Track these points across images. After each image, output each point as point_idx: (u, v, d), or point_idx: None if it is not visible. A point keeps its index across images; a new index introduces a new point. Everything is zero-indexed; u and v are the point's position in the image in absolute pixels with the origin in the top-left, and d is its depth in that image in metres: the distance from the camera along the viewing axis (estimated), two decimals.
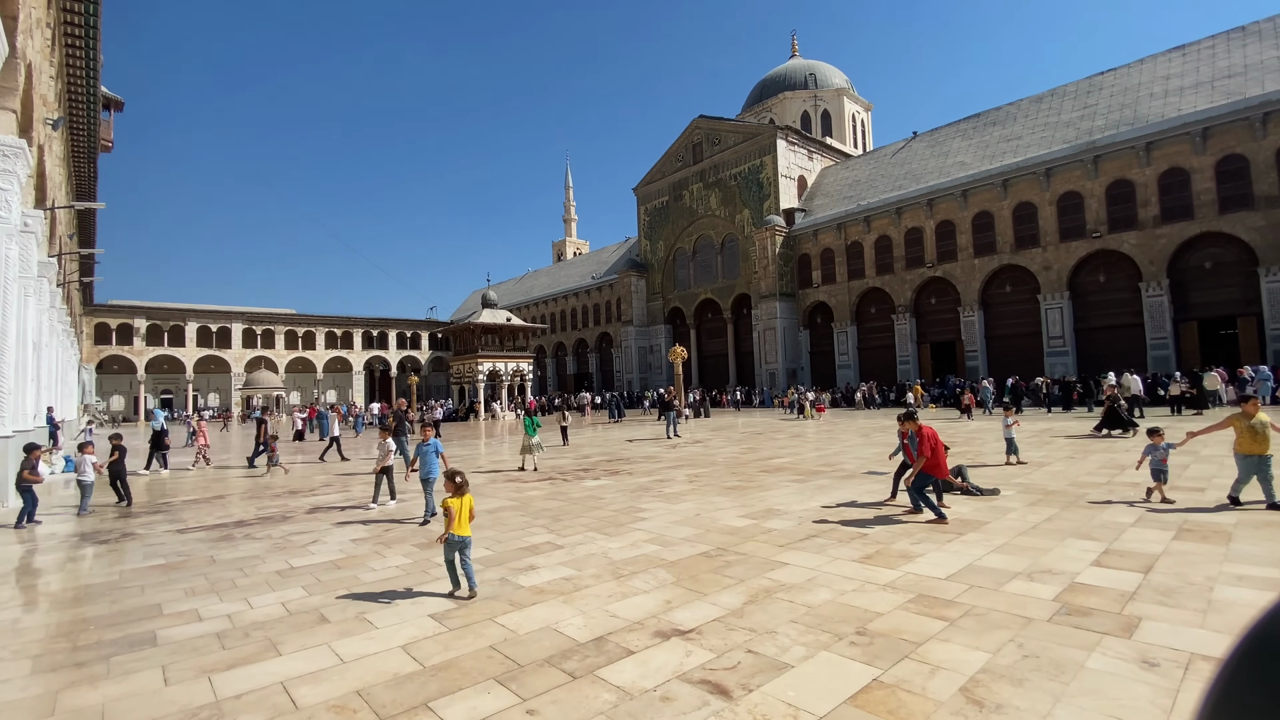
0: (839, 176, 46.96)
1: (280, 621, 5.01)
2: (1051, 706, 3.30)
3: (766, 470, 12.54)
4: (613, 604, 5.13)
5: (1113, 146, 30.22)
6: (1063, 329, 32.11)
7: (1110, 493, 8.84)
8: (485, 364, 41.80)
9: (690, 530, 7.66)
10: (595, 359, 62.55)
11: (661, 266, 54.36)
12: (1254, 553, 5.77)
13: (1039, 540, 6.54)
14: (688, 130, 51.80)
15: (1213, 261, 28.16)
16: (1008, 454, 11.83)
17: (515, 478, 13.01)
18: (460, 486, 5.54)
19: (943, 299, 37.34)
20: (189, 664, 4.25)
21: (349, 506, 10.28)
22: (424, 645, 4.42)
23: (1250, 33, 30.26)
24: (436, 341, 72.26)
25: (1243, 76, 28.39)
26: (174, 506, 10.95)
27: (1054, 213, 32.43)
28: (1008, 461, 11.76)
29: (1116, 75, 34.37)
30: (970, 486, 9.07)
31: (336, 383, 68.38)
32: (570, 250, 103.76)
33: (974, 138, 38.78)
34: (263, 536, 8.24)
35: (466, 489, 5.60)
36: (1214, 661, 3.70)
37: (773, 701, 3.47)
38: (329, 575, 6.29)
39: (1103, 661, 3.77)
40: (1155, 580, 5.16)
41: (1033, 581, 5.27)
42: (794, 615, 4.73)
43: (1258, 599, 4.64)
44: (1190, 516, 7.26)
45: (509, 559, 6.65)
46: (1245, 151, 26.81)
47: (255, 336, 61.47)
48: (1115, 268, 30.78)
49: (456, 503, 5.45)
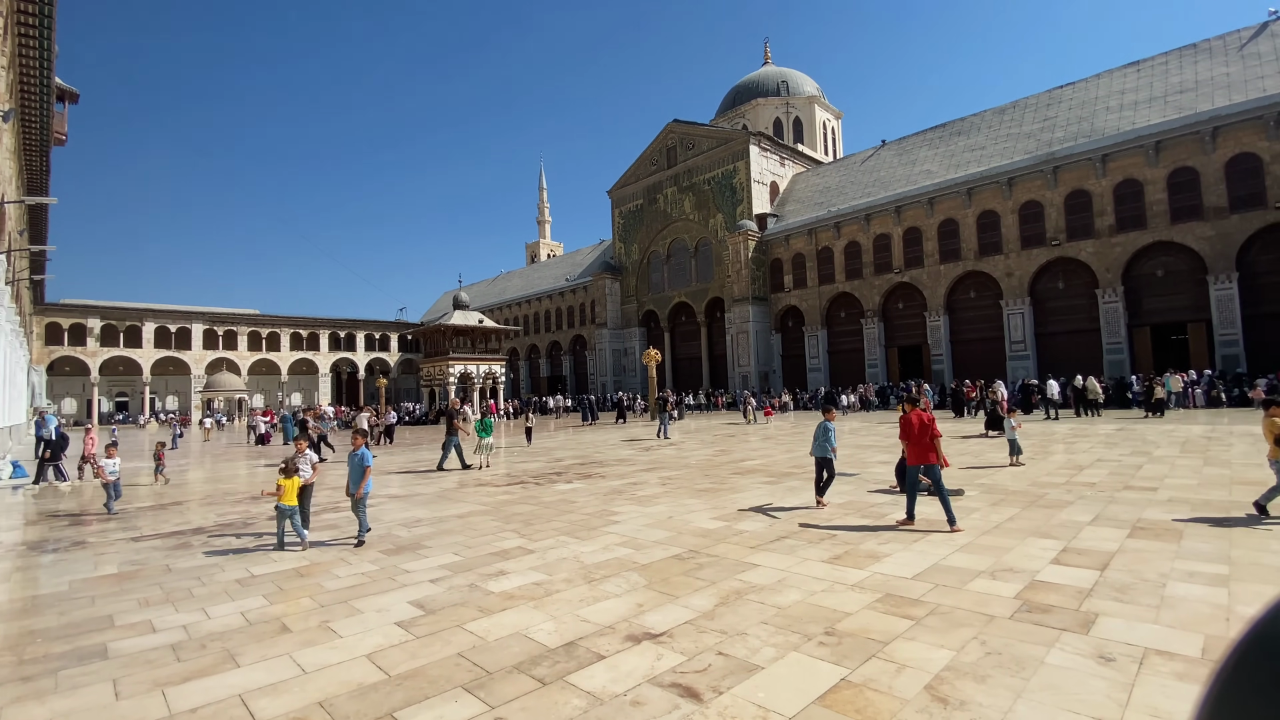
0: (810, 183, 47.67)
1: (239, 632, 4.85)
2: (1012, 702, 3.38)
3: (739, 472, 12.62)
4: (584, 608, 5.09)
5: (1071, 158, 31.29)
6: (1024, 334, 33.08)
7: (1069, 492, 9.12)
8: (456, 366, 41.29)
9: (663, 533, 7.66)
10: (569, 361, 62.28)
11: (636, 269, 54.44)
12: (1204, 550, 6.01)
13: (1001, 539, 6.70)
14: (662, 134, 52.03)
15: (1165, 270, 29.33)
16: (1011, 454, 11.96)
17: (486, 482, 12.86)
18: (288, 471, 7.51)
19: (910, 304, 38.15)
20: (142, 677, 4.08)
21: (319, 511, 10.02)
22: (390, 654, 4.32)
23: (1201, 50, 31.67)
24: (406, 343, 71.08)
25: (1194, 92, 29.69)
26: (129, 514, 10.54)
27: (1016, 221, 33.42)
28: (1017, 463, 11.86)
29: (1075, 89, 35.61)
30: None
31: (302, 385, 66.74)
32: (544, 252, 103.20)
33: (940, 147, 39.76)
34: (222, 544, 7.98)
35: (295, 474, 7.59)
36: (1166, 656, 3.83)
37: (742, 703, 3.48)
38: (291, 583, 6.12)
39: (1061, 657, 3.88)
40: (1111, 577, 5.33)
41: (995, 580, 5.40)
42: (764, 616, 4.76)
43: (1208, 594, 4.83)
44: (1145, 514, 7.52)
45: (479, 564, 6.56)
46: (1195, 164, 28.02)
47: (217, 337, 59.62)
48: (1073, 275, 31.83)
49: (286, 482, 7.42)
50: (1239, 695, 0.48)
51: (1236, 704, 0.48)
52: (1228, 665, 0.50)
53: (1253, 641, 0.49)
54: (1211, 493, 8.65)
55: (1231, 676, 0.49)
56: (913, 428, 7.54)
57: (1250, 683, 0.48)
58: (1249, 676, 0.48)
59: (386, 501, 10.89)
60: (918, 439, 7.51)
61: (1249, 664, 0.49)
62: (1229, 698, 0.48)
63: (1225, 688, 0.49)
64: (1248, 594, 4.79)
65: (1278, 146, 25.99)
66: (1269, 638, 0.49)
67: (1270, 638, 0.49)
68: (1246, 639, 0.50)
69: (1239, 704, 0.47)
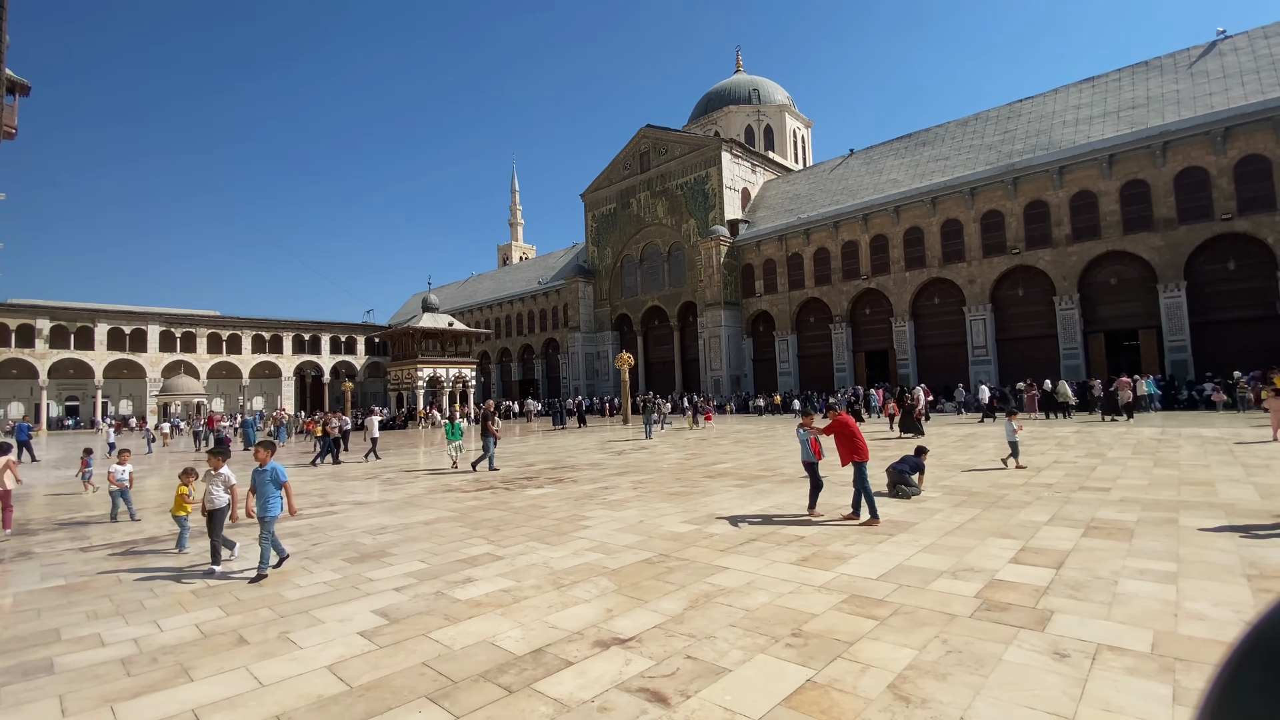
0: (780, 190, 48.32)
1: (193, 644, 4.69)
2: (971, 699, 3.45)
3: (710, 476, 12.69)
4: (552, 614, 5.05)
5: (1030, 169, 32.35)
6: (986, 339, 34.02)
7: (1027, 493, 9.39)
8: (425, 369, 40.67)
9: (634, 537, 7.65)
10: (541, 365, 61.87)
11: (609, 273, 54.41)
12: (1154, 548, 6.24)
13: (963, 540, 6.86)
14: (635, 139, 52.18)
15: (1117, 278, 30.50)
16: (1011, 456, 12.02)
17: (455, 488, 12.68)
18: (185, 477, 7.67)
19: (877, 310, 38.92)
20: (90, 693, 3.92)
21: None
22: (352, 664, 4.22)
23: (1153, 67, 33.08)
24: (373, 346, 69.72)
25: (1145, 108, 30.99)
26: (78, 523, 10.10)
27: (978, 230, 34.39)
28: (1017, 465, 11.94)
29: (1034, 103, 36.85)
30: (901, 489, 9.45)
31: (264, 389, 64.93)
32: (516, 255, 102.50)
33: (906, 156, 40.71)
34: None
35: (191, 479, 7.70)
36: (1118, 651, 3.97)
37: (710, 707, 3.49)
38: (249, 594, 5.94)
39: (1019, 654, 3.99)
40: (1066, 575, 5.50)
41: (956, 579, 5.52)
42: (733, 619, 4.79)
43: (1157, 591, 5.01)
44: (1098, 514, 7.78)
45: (445, 572, 6.46)
46: (1147, 177, 29.24)
47: (174, 339, 57.58)
48: (1032, 282, 32.88)
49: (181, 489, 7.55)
50: (1240, 695, 0.48)
51: (1238, 704, 0.48)
52: (1229, 665, 0.50)
53: (1254, 642, 0.49)
54: (1161, 493, 9.00)
55: (1233, 677, 0.49)
56: (837, 431, 8.14)
57: (1252, 683, 0.48)
58: (1250, 677, 0.48)
59: (351, 509, 10.65)
60: (846, 441, 8.04)
61: (1250, 664, 0.48)
62: (1230, 698, 0.48)
63: (1227, 688, 0.49)
64: (1195, 590, 4.99)
65: (1223, 161, 27.28)
66: (1270, 638, 0.49)
67: (1271, 638, 0.49)
68: (1248, 639, 0.50)
69: (1240, 704, 0.47)
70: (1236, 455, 12.34)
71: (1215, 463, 11.55)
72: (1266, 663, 0.48)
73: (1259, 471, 10.39)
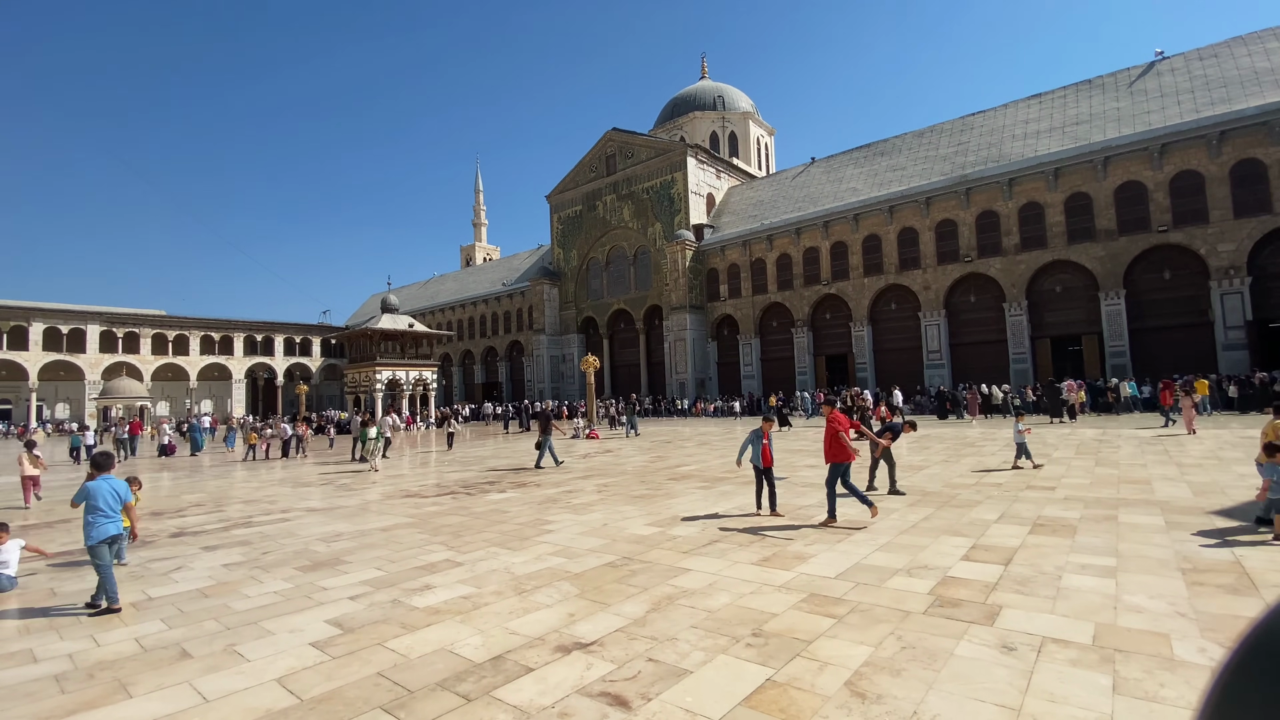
0: (744, 196, 48.98)
1: (133, 659, 4.47)
2: (925, 694, 3.54)
3: (674, 478, 12.74)
4: (513, 620, 4.99)
5: (981, 180, 33.59)
6: (940, 344, 35.12)
7: (978, 492, 9.71)
8: (384, 372, 39.71)
9: (597, 541, 7.62)
10: (505, 368, 61.16)
11: (575, 275, 54.18)
12: (1095, 544, 6.53)
13: (918, 538, 7.05)
14: (601, 142, 52.17)
15: (1062, 286, 31.90)
16: (1017, 457, 12.21)
17: (415, 493, 12.43)
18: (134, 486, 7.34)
19: (837, 314, 39.79)
20: (20, 712, 3.70)
21: (228, 527, 9.38)
22: (303, 676, 4.08)
23: (1095, 85, 34.76)
24: (330, 348, 67.80)
25: (1089, 124, 32.54)
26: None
27: (933, 238, 35.51)
28: (1015, 465, 12.15)
29: (985, 117, 38.29)
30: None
31: (213, 392, 62.46)
32: (480, 255, 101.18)
33: (865, 166, 41.78)
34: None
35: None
36: (1062, 644, 4.13)
37: (671, 709, 3.50)
38: (193, 605, 5.69)
39: (969, 649, 4.11)
40: (1014, 571, 5.71)
41: (911, 577, 5.67)
42: (695, 620, 4.81)
43: (1098, 585, 5.24)
44: (1044, 512, 8.10)
45: (403, 579, 6.31)
46: (1089, 190, 30.69)
47: (116, 340, 54.88)
48: (984, 289, 34.11)
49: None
50: (1241, 695, 0.48)
51: (1238, 704, 0.48)
52: (1230, 665, 0.50)
53: (1255, 642, 0.49)
54: (1102, 491, 9.42)
55: (1234, 677, 0.49)
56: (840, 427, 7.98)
57: (1253, 683, 0.48)
58: (1251, 677, 0.48)
59: (304, 515, 10.33)
60: (834, 438, 8.00)
61: (1251, 664, 0.49)
62: (1231, 698, 0.49)
63: (1228, 688, 0.49)
64: (1133, 584, 5.24)
65: (1160, 176, 28.83)
66: (1270, 638, 0.49)
67: (1271, 638, 0.49)
68: (1249, 639, 0.50)
69: (1241, 704, 0.48)
70: (1171, 454, 13.01)
71: (1152, 462, 12.16)
72: (1267, 663, 0.48)
73: (1192, 470, 10.98)
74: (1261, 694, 0.47)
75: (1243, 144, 26.99)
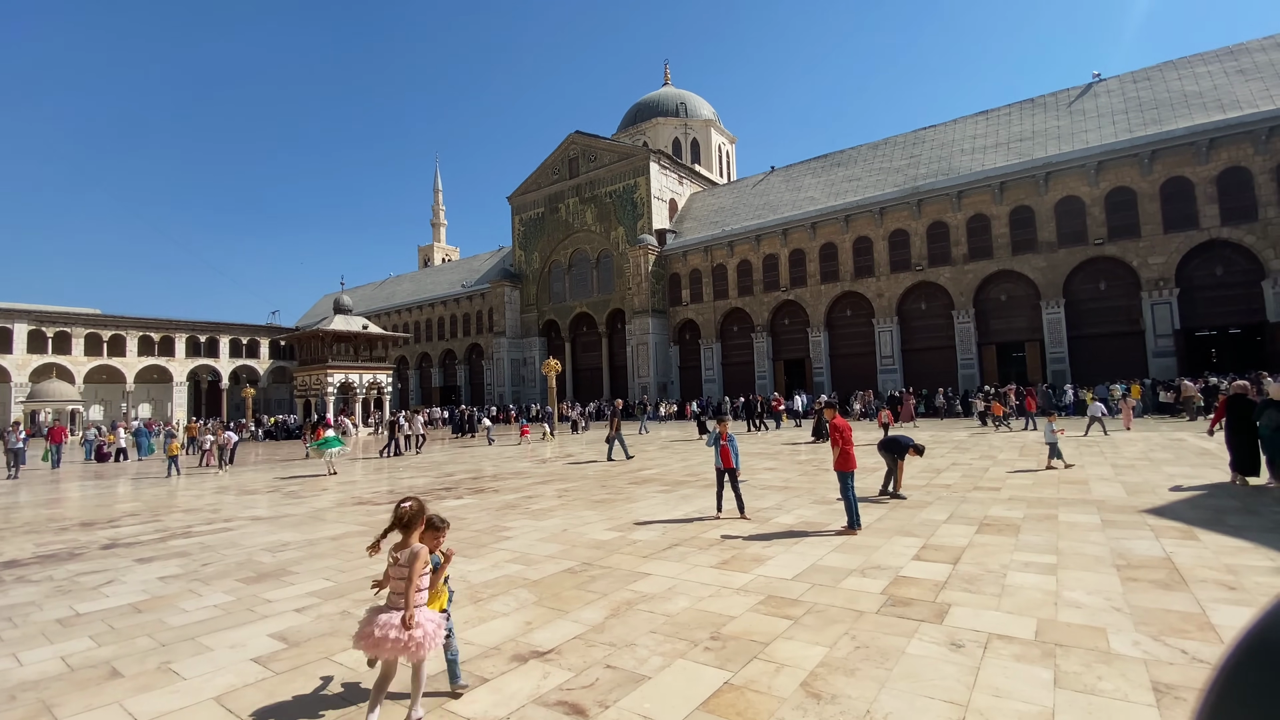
0: (706, 203, 49.52)
1: (59, 679, 4.19)
2: (877, 693, 3.61)
3: (635, 482, 12.72)
4: (468, 630, 4.87)
5: (932, 192, 34.83)
6: (893, 349, 36.18)
7: (928, 493, 10.00)
8: (337, 375, 38.49)
9: (556, 547, 7.53)
10: (464, 371, 60.10)
11: (536, 278, 53.72)
12: (1037, 542, 6.79)
13: (871, 539, 7.21)
14: (564, 145, 51.94)
15: (1007, 295, 33.31)
16: (1050, 458, 12.33)
17: (366, 500, 12.06)
18: None
19: (795, 320, 40.58)
20: None
21: (165, 538, 8.90)
22: (244, 694, 3.89)
23: (1038, 104, 36.48)
24: (279, 350, 65.34)
25: (1031, 140, 34.12)
26: None
27: (886, 247, 36.61)
28: (1049, 465, 12.25)
29: (936, 131, 39.73)
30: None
31: (153, 395, 59.38)
32: (439, 256, 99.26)
33: (822, 175, 42.80)
34: (41, 579, 6.88)
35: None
36: (1007, 640, 4.27)
37: (628, 715, 3.47)
38: (125, 621, 5.37)
39: (920, 647, 4.21)
40: (962, 570, 5.89)
41: (865, 577, 5.79)
42: (654, 625, 4.79)
43: (1040, 582, 5.45)
44: (990, 512, 8.40)
45: (353, 590, 6.10)
46: (1032, 204, 32.16)
47: (45, 340, 51.63)
48: (934, 297, 35.33)
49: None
50: (1240, 696, 0.48)
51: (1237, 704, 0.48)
52: (1228, 665, 0.50)
53: (1253, 642, 0.49)
54: (1043, 491, 9.83)
55: (1232, 677, 0.49)
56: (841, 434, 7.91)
57: (1251, 683, 0.48)
58: (1249, 677, 0.48)
59: (249, 524, 9.90)
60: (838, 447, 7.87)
61: (1249, 664, 0.49)
62: (1230, 698, 0.49)
63: (1226, 688, 0.49)
64: (1072, 580, 5.47)
65: (1096, 191, 30.43)
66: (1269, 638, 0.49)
67: (1271, 638, 0.49)
68: (1247, 639, 0.50)
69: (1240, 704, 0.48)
70: (1106, 455, 13.69)
71: (1089, 463, 12.77)
72: (1266, 663, 0.48)
73: (1125, 471, 11.57)
74: (1258, 696, 0.47)
75: (1172, 163, 28.75)
